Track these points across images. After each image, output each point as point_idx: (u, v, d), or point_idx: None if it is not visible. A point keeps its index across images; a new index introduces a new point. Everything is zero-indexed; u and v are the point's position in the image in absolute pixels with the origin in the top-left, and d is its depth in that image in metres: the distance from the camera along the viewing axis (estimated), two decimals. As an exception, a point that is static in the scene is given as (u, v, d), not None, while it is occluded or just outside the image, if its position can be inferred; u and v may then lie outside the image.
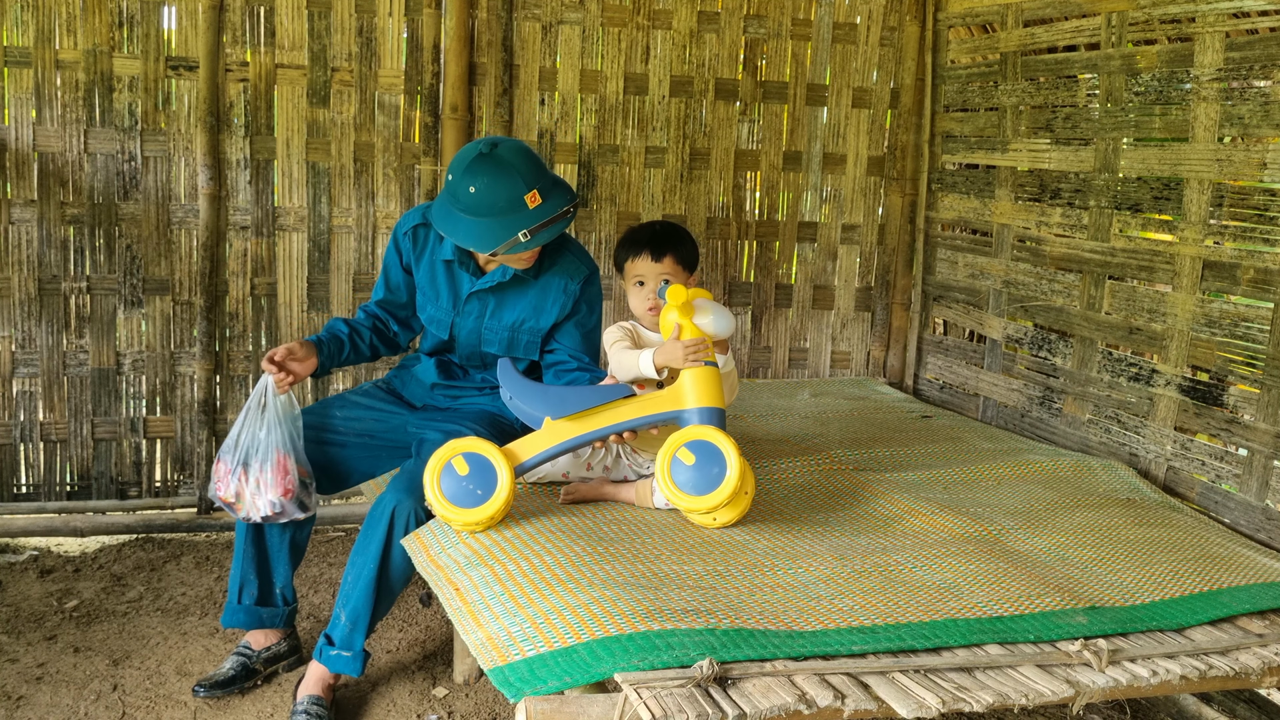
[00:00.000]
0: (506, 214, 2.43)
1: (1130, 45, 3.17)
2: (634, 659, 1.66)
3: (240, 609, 2.71)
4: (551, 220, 2.46)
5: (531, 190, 2.43)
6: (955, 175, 4.00)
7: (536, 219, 2.44)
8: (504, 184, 2.43)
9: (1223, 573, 2.26)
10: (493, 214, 2.43)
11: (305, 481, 2.58)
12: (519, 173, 2.44)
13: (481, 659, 1.84)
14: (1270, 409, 2.70)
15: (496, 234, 2.43)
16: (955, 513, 2.52)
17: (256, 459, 2.53)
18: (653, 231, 2.56)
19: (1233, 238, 2.83)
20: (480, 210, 2.44)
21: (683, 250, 2.54)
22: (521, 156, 2.48)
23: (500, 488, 2.23)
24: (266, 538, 2.70)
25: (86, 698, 2.64)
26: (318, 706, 2.51)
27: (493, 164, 2.45)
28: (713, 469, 2.21)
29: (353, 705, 2.68)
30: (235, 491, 2.55)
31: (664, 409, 2.31)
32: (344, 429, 2.74)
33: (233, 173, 3.58)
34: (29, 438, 3.52)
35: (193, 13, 3.47)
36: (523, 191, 2.43)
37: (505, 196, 2.42)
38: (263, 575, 2.72)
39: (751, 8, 3.97)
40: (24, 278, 3.44)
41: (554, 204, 2.47)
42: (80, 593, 3.21)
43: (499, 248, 2.45)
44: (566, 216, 2.50)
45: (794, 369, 4.23)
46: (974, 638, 1.86)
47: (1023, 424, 3.61)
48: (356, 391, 2.86)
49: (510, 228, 2.43)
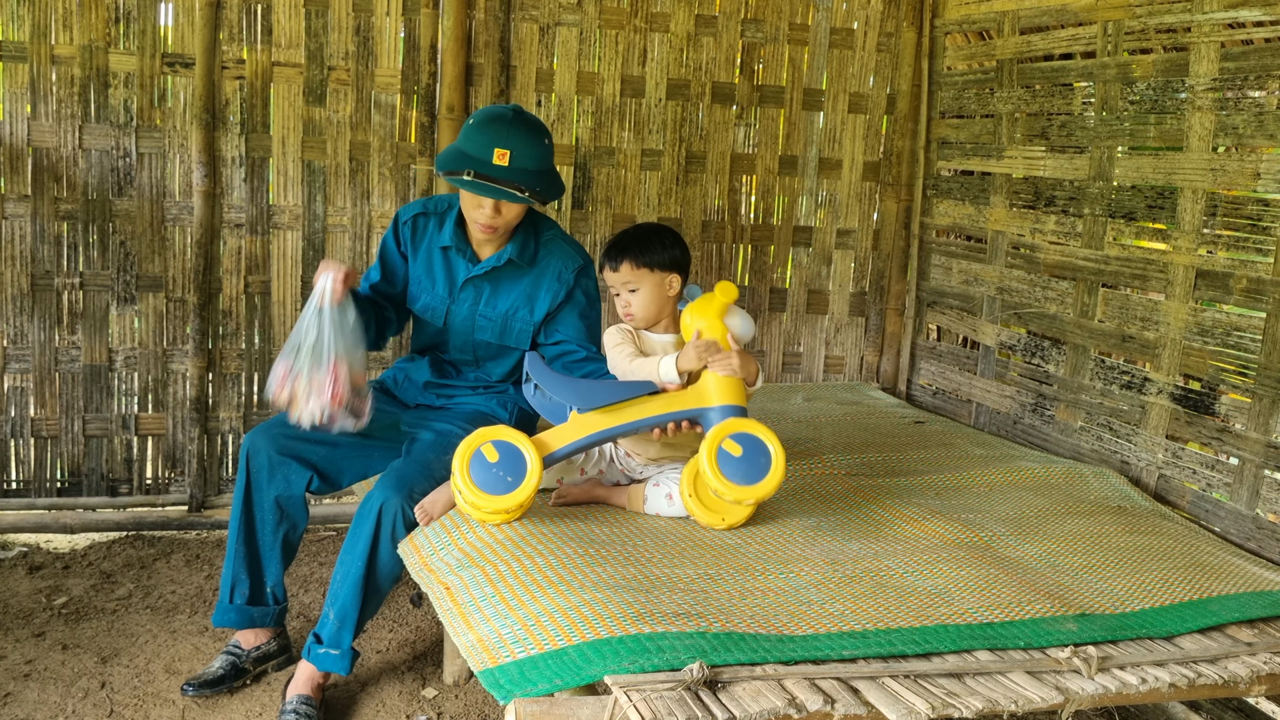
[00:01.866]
0: (471, 151, 2.52)
1: (1126, 54, 3.18)
2: (624, 661, 1.66)
3: (231, 608, 2.70)
4: (498, 182, 2.50)
5: (505, 150, 2.51)
6: (950, 181, 4.00)
7: (488, 171, 2.50)
8: (489, 130, 2.54)
9: (1213, 581, 2.27)
10: (466, 146, 2.54)
11: (361, 391, 2.52)
12: (508, 131, 2.54)
13: (472, 661, 1.84)
14: (1261, 418, 2.71)
15: (455, 161, 2.53)
16: (947, 519, 2.53)
17: (309, 363, 2.45)
18: (614, 241, 2.52)
19: (1226, 247, 2.84)
20: (461, 140, 2.57)
21: (646, 254, 2.46)
22: (525, 126, 2.58)
23: (530, 474, 2.24)
24: (259, 536, 2.70)
25: (74, 695, 2.63)
26: (306, 706, 2.51)
27: (497, 114, 2.59)
28: (760, 459, 2.27)
29: (342, 705, 2.67)
30: (290, 394, 2.46)
31: (689, 406, 2.34)
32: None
33: (228, 170, 3.57)
34: (19, 434, 3.51)
35: (190, 9, 3.46)
36: (497, 143, 2.51)
37: (481, 139, 2.52)
38: (254, 574, 2.71)
39: (749, 12, 3.97)
40: (16, 273, 3.43)
41: (516, 175, 2.52)
42: (69, 590, 3.19)
43: (446, 173, 2.53)
44: (518, 192, 2.52)
45: (788, 373, 4.23)
46: (964, 644, 1.87)
47: (1015, 430, 3.62)
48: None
49: (463, 161, 2.51)
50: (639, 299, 2.47)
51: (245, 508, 2.67)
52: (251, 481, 2.66)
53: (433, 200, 2.83)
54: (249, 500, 2.67)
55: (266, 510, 2.68)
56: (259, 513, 2.68)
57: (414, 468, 2.54)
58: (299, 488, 2.66)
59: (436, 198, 2.85)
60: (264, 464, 2.65)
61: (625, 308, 2.49)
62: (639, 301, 2.47)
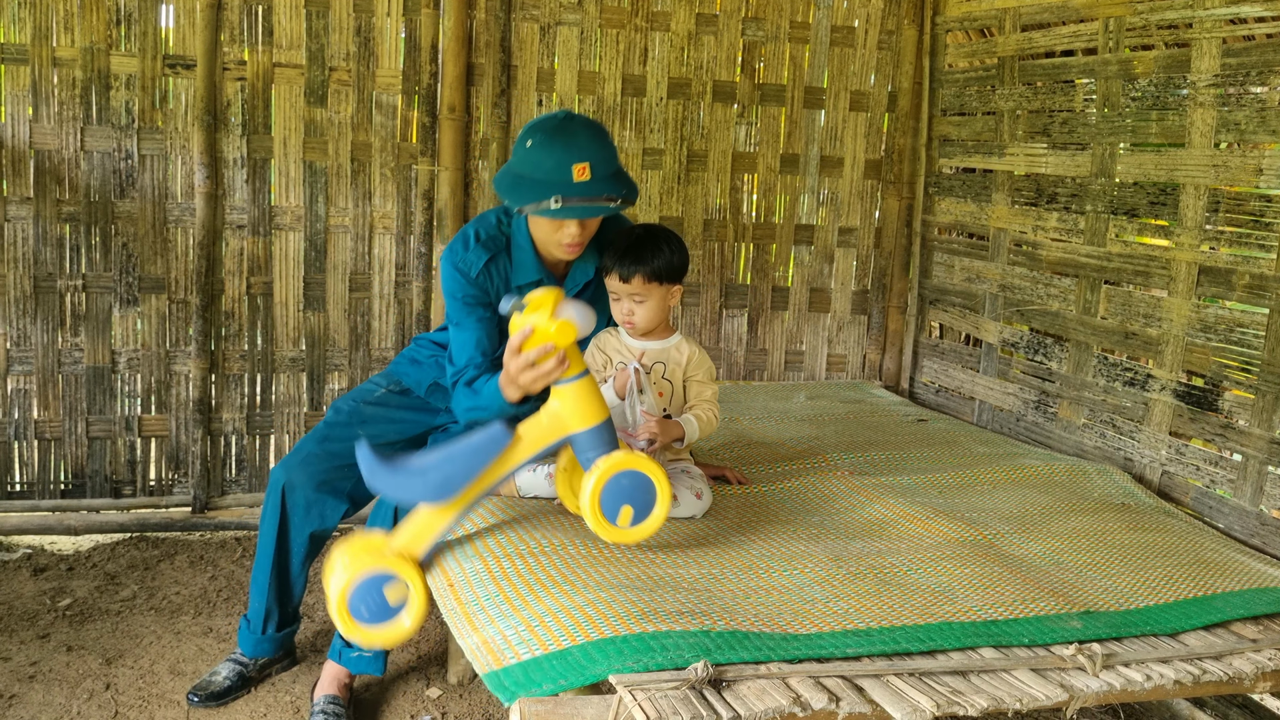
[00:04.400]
0: (549, 176, 2.27)
1: (1127, 50, 3.17)
2: (629, 661, 1.66)
3: (266, 639, 2.70)
4: (591, 200, 2.26)
5: (583, 163, 2.26)
6: (952, 179, 4.00)
7: (575, 191, 2.26)
8: (557, 146, 2.27)
9: (1217, 578, 2.27)
10: (537, 172, 2.28)
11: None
12: (577, 142, 2.28)
13: (476, 663, 1.83)
14: (1265, 414, 2.71)
15: (531, 192, 2.27)
16: (950, 517, 2.52)
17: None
18: (627, 247, 2.38)
19: (1228, 243, 2.84)
20: (526, 166, 2.30)
21: (659, 267, 2.37)
22: (588, 130, 2.32)
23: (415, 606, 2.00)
24: (291, 568, 2.66)
25: (79, 697, 2.63)
26: (335, 705, 2.51)
27: (555, 126, 2.32)
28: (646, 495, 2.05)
29: (353, 705, 2.67)
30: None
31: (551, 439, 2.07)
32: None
33: (229, 171, 3.57)
34: (23, 436, 3.51)
35: (190, 11, 3.46)
36: (573, 160, 2.26)
37: (552, 159, 2.26)
38: (284, 603, 2.70)
39: (750, 10, 3.97)
40: (19, 275, 3.43)
41: (602, 187, 2.28)
42: (73, 591, 3.20)
43: (527, 207, 2.28)
44: (610, 204, 2.29)
45: (790, 371, 4.23)
46: (968, 641, 1.86)
47: (1018, 428, 3.62)
48: (370, 401, 2.72)
49: (545, 190, 2.26)
50: (644, 310, 2.40)
51: (279, 543, 2.62)
52: (287, 518, 2.61)
53: (483, 237, 2.48)
54: (283, 536, 2.62)
55: (300, 545, 2.64)
56: (293, 547, 2.64)
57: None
58: (333, 521, 2.62)
59: (482, 231, 2.49)
60: (300, 501, 2.60)
61: (628, 316, 2.41)
62: (643, 312, 2.40)
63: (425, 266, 3.76)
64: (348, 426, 2.64)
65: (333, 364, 3.75)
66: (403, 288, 3.78)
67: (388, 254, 3.75)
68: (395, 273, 3.76)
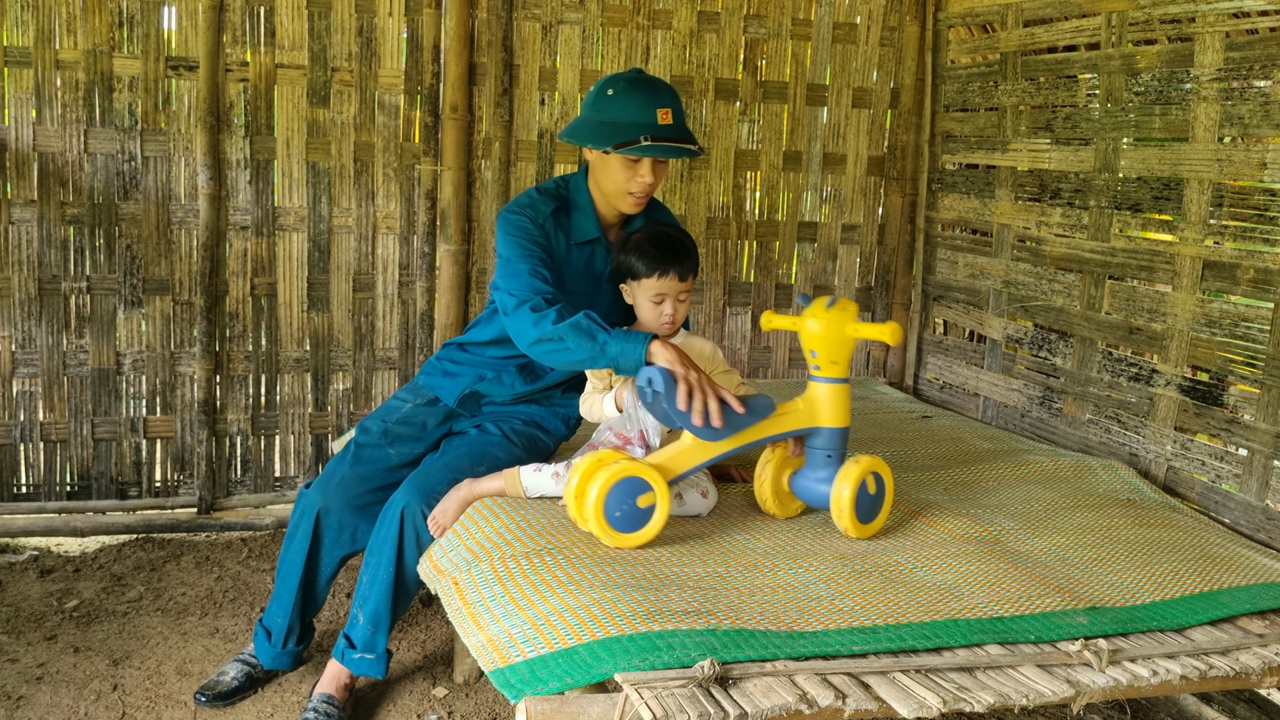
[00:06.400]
0: (636, 118, 2.41)
1: (1130, 45, 3.17)
2: (635, 659, 1.66)
3: (285, 653, 2.70)
4: (677, 141, 2.42)
5: (666, 108, 2.43)
6: (955, 175, 4.00)
7: (663, 132, 2.41)
8: (642, 92, 2.44)
9: (1223, 573, 2.26)
10: (624, 115, 2.42)
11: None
12: (656, 90, 2.45)
13: (482, 661, 1.84)
14: (1270, 409, 2.70)
15: (619, 133, 2.40)
16: (955, 513, 2.52)
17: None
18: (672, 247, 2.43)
19: (1233, 238, 2.83)
20: (611, 112, 2.44)
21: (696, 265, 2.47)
22: (663, 83, 2.51)
23: (659, 512, 2.18)
24: (316, 586, 2.67)
25: (86, 698, 2.64)
26: (328, 705, 2.51)
27: (632, 77, 2.49)
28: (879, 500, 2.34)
29: (352, 705, 2.67)
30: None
31: (801, 425, 2.31)
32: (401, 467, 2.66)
33: (233, 173, 3.58)
34: (29, 438, 3.52)
35: (193, 13, 3.47)
36: (658, 104, 2.42)
37: (636, 104, 2.42)
38: (305, 618, 2.71)
39: (751, 8, 3.97)
40: (24, 277, 3.44)
41: (683, 131, 2.45)
42: (80, 593, 3.20)
43: (620, 143, 2.39)
44: (692, 150, 2.45)
45: (794, 369, 4.23)
46: (974, 638, 1.86)
47: (1023, 424, 3.61)
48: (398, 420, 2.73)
49: (634, 131, 2.40)
50: (683, 308, 2.46)
51: (309, 564, 2.63)
52: (319, 540, 2.62)
53: (548, 190, 2.62)
54: (314, 557, 2.63)
55: (329, 566, 2.65)
56: (323, 568, 2.65)
57: (440, 472, 2.51)
58: (364, 542, 2.61)
59: (546, 189, 2.62)
60: (334, 524, 2.61)
61: (671, 315, 2.44)
62: (682, 311, 2.46)
63: (429, 266, 3.76)
64: (377, 448, 2.67)
65: (337, 364, 3.75)
66: (406, 287, 3.78)
67: (391, 254, 3.75)
68: (399, 273, 3.76)
